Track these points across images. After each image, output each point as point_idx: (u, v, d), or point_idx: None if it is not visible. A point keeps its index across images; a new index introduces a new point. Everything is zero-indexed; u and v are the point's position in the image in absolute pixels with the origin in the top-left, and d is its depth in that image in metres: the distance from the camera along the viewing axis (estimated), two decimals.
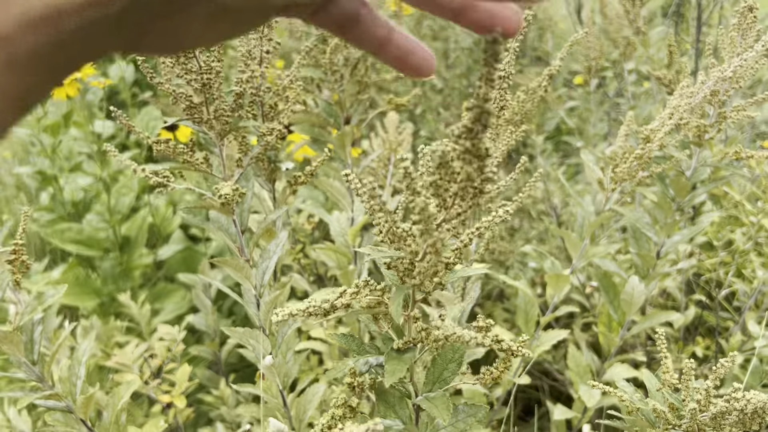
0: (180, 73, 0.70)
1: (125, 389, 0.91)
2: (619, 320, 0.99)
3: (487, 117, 0.34)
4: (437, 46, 2.20)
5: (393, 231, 0.45)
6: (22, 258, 0.79)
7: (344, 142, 1.01)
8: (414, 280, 0.48)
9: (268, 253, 0.87)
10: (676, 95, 0.79)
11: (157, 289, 2.01)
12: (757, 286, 1.57)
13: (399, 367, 0.50)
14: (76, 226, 1.91)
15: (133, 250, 1.96)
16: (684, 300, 1.64)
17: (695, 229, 0.96)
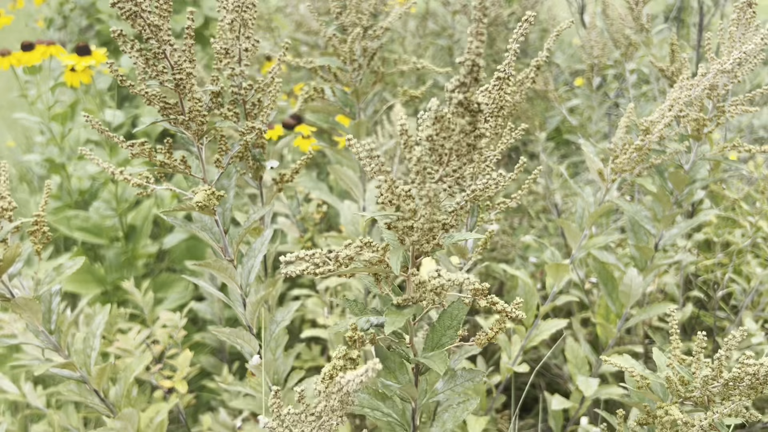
0: (151, 74, 0.69)
1: (137, 363, 0.93)
2: (617, 312, 1.01)
3: (478, 70, 0.37)
4: (441, 43, 2.23)
5: (392, 190, 0.47)
6: (43, 229, 0.81)
7: (359, 131, 1.03)
8: (412, 237, 0.50)
9: (253, 252, 0.87)
10: (676, 87, 0.82)
11: (160, 278, 2.03)
12: (755, 285, 1.59)
13: (398, 319, 0.52)
14: (83, 214, 1.93)
15: (138, 239, 1.99)
16: (682, 297, 1.66)
17: (693, 221, 0.98)
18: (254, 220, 0.82)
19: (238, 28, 0.73)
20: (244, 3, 0.71)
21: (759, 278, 1.55)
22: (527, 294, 0.96)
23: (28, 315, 0.79)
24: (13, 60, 1.67)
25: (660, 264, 1.00)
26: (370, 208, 1.10)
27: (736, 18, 0.87)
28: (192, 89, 0.70)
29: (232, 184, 0.81)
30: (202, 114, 0.73)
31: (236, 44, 0.74)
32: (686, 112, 0.83)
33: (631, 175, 0.85)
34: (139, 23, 0.64)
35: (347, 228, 1.10)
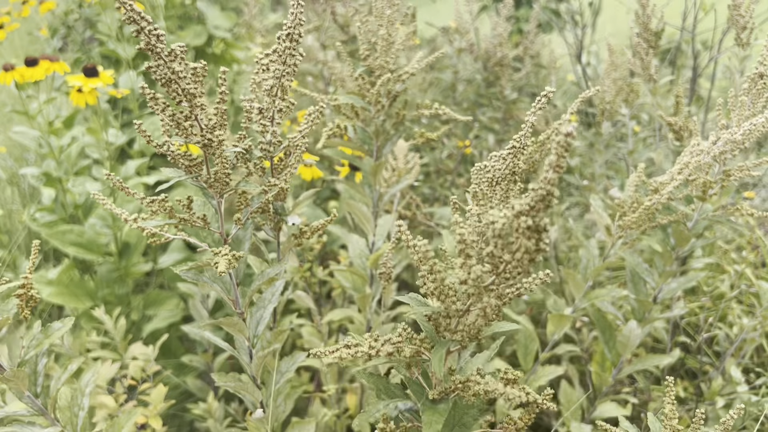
0: (180, 133, 0.70)
1: (125, 419, 0.90)
2: (612, 360, 1.03)
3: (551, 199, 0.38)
4: (446, 78, 2.26)
5: (440, 289, 0.48)
6: (30, 292, 0.80)
7: (377, 170, 1.05)
8: (455, 335, 0.51)
9: (263, 302, 0.86)
10: (686, 152, 0.85)
11: (151, 295, 2.02)
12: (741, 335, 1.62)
13: (436, 418, 0.52)
14: (78, 229, 1.93)
15: (131, 256, 1.98)
16: (670, 342, 1.68)
17: (692, 277, 1.01)
18: (268, 276, 0.82)
19: (275, 92, 0.73)
20: (284, 70, 0.72)
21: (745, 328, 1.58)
22: (527, 339, 0.98)
23: (15, 384, 0.77)
24: (16, 75, 1.67)
25: (658, 317, 1.02)
26: (378, 243, 1.11)
27: (747, 88, 0.90)
28: (221, 153, 0.71)
29: (248, 236, 0.81)
30: (227, 174, 0.73)
31: (272, 106, 0.74)
32: (695, 176, 0.86)
33: (636, 232, 0.88)
34: (174, 89, 0.65)
35: (355, 261, 1.11)
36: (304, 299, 1.35)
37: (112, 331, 1.59)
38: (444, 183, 2.22)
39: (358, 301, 1.08)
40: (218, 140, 0.70)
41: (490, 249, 0.43)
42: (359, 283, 1.10)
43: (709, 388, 1.62)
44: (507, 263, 0.44)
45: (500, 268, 0.45)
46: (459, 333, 0.51)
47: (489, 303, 0.45)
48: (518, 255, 0.42)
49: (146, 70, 0.64)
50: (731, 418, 0.62)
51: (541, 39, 2.58)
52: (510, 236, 0.42)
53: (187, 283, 1.78)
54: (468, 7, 2.27)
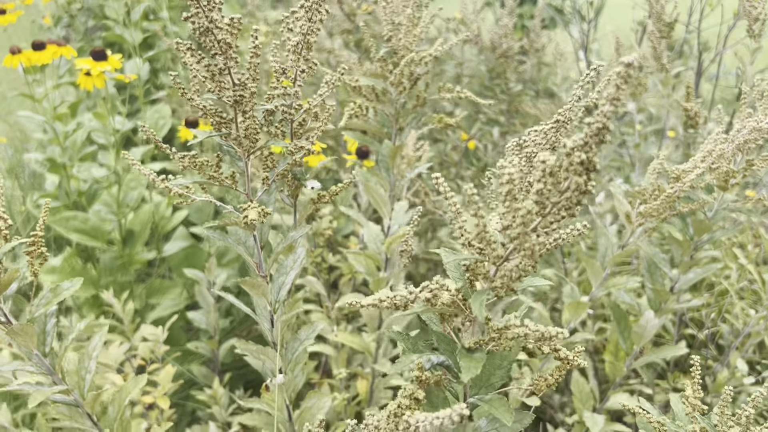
0: (213, 88, 0.69)
1: (133, 385, 0.90)
2: (627, 350, 1.03)
3: (605, 133, 0.38)
4: (450, 69, 2.26)
5: (482, 235, 0.48)
6: (40, 249, 0.79)
7: (396, 153, 1.04)
8: (494, 283, 0.51)
9: (284, 269, 0.87)
10: (710, 140, 0.85)
11: (155, 284, 2.02)
12: (747, 329, 1.63)
13: (474, 365, 0.52)
14: (82, 215, 1.91)
15: (135, 243, 1.97)
16: (677, 335, 1.69)
17: (709, 268, 1.01)
18: (292, 239, 0.82)
19: (300, 50, 0.73)
20: (311, 27, 0.72)
21: (751, 320, 1.59)
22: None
23: (24, 340, 0.76)
24: (23, 58, 1.66)
25: (674, 308, 1.03)
26: (394, 227, 1.11)
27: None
28: (252, 108, 0.71)
29: (272, 201, 0.81)
30: (257, 132, 0.73)
31: (295, 66, 0.74)
32: (718, 164, 0.86)
33: (656, 220, 0.88)
34: (210, 39, 0.65)
35: (370, 246, 1.11)
36: (315, 284, 1.35)
37: (120, 314, 1.58)
38: (448, 175, 2.22)
39: (372, 285, 1.08)
40: (250, 93, 0.70)
41: (540, 187, 0.43)
42: (373, 268, 1.10)
43: (714, 381, 1.63)
44: (555, 204, 0.44)
45: (547, 209, 0.44)
46: (498, 280, 0.51)
47: (535, 242, 0.45)
48: (568, 194, 0.42)
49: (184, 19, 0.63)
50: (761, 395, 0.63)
51: (545, 35, 2.59)
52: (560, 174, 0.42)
53: (194, 269, 1.78)
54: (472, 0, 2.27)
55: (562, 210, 0.45)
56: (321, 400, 0.97)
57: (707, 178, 0.91)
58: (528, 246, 0.44)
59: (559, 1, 3.01)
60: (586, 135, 0.39)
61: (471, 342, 0.55)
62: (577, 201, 0.42)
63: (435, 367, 0.59)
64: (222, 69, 0.67)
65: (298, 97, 0.77)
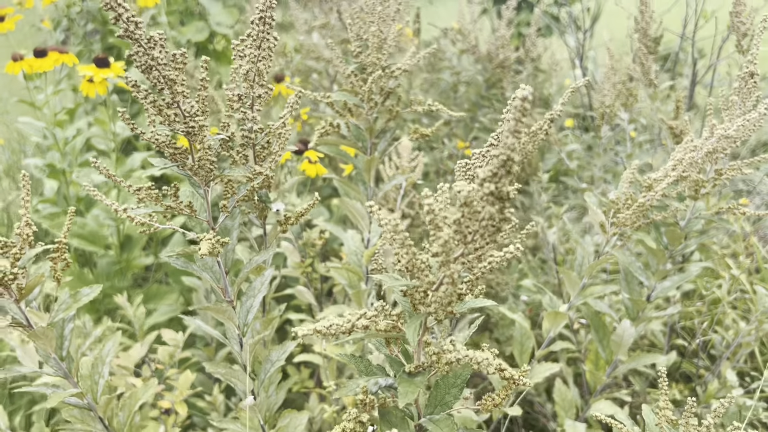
0: (163, 121, 0.70)
1: (143, 391, 0.92)
2: (607, 359, 1.05)
3: (512, 164, 0.40)
4: (446, 79, 2.28)
5: (413, 263, 0.50)
6: (64, 255, 0.82)
7: (371, 166, 1.06)
8: (429, 308, 0.52)
9: (252, 291, 0.87)
10: (680, 149, 0.86)
11: (152, 289, 2.04)
12: (737, 339, 1.64)
13: (411, 389, 0.54)
14: (80, 221, 1.94)
15: (133, 249, 1.99)
16: (667, 345, 1.70)
17: (684, 276, 1.02)
18: (256, 263, 0.83)
19: (252, 77, 0.75)
20: (260, 55, 0.73)
21: (741, 331, 1.60)
22: (523, 337, 0.99)
23: (43, 343, 0.78)
24: (25, 65, 1.69)
25: (652, 317, 1.04)
26: (374, 240, 1.12)
27: (738, 87, 0.93)
28: (203, 139, 0.72)
29: (236, 225, 0.82)
30: (211, 161, 0.74)
31: (250, 92, 0.76)
32: (688, 173, 0.87)
33: (630, 229, 0.89)
34: (154, 75, 0.66)
35: (350, 258, 1.13)
36: (305, 294, 1.36)
37: (131, 317, 1.60)
38: (445, 183, 2.23)
39: (353, 297, 1.10)
40: (199, 126, 0.71)
41: (457, 217, 0.44)
42: (355, 280, 1.12)
43: (705, 391, 1.64)
44: (474, 232, 0.45)
45: (468, 237, 0.46)
46: (432, 305, 0.52)
47: (455, 269, 0.46)
48: (483, 222, 0.44)
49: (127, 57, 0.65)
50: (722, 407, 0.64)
51: (542, 43, 2.60)
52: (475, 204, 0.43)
53: (191, 277, 1.80)
54: (469, 8, 2.29)
55: (482, 237, 0.47)
56: (297, 419, 0.97)
57: (680, 187, 0.92)
58: (449, 273, 0.46)
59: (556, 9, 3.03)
60: (494, 166, 0.40)
61: (412, 367, 0.57)
62: (496, 228, 0.44)
63: (385, 389, 0.60)
64: (169, 103, 0.68)
65: (256, 122, 0.78)
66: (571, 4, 3.32)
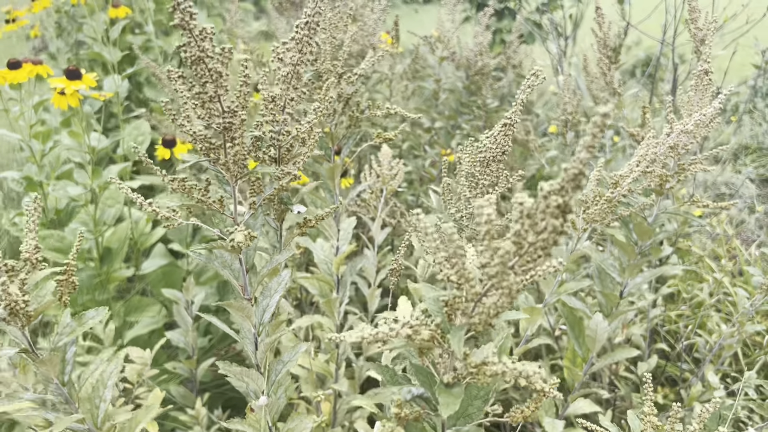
0: (203, 114, 0.71)
1: (144, 415, 0.90)
2: (583, 356, 1.04)
3: (581, 179, 0.40)
4: (427, 86, 2.29)
5: (461, 273, 0.49)
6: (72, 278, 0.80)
7: (334, 173, 1.05)
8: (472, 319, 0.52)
9: (269, 291, 0.87)
10: (643, 145, 0.87)
11: (133, 302, 2.02)
12: (719, 341, 1.64)
13: (452, 400, 0.53)
14: (58, 234, 1.92)
15: (113, 261, 1.98)
16: (648, 348, 1.70)
17: (656, 271, 1.03)
18: (278, 262, 0.83)
19: (290, 80, 0.75)
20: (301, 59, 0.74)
21: (723, 334, 1.60)
22: (501, 336, 0.99)
23: (47, 369, 0.77)
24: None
25: (625, 311, 1.04)
26: (342, 247, 1.12)
27: (694, 84, 0.94)
28: (242, 135, 0.73)
29: (258, 225, 0.82)
30: (245, 157, 0.75)
31: (285, 94, 0.76)
32: (652, 168, 0.88)
33: (601, 225, 0.89)
34: (202, 68, 0.67)
35: (321, 267, 1.12)
36: (283, 305, 1.35)
37: (101, 335, 1.58)
38: (427, 191, 2.23)
39: (324, 305, 1.09)
40: (240, 121, 0.72)
41: (517, 228, 0.44)
42: (326, 289, 1.11)
43: (689, 394, 1.63)
44: (531, 244, 0.45)
45: (524, 249, 0.46)
46: (476, 316, 0.52)
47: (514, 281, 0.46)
48: (544, 235, 0.44)
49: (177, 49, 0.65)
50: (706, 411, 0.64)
51: (524, 49, 2.62)
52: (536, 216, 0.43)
53: (172, 289, 1.78)
54: (451, 16, 2.30)
55: (538, 250, 0.46)
56: (303, 422, 0.97)
57: (646, 182, 0.93)
58: (506, 285, 0.46)
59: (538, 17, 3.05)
60: (563, 180, 0.40)
61: (449, 377, 0.56)
62: (554, 241, 0.44)
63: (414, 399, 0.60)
64: (212, 97, 0.69)
65: (286, 124, 0.78)
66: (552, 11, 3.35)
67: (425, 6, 7.60)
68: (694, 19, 1.21)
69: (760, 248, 2.19)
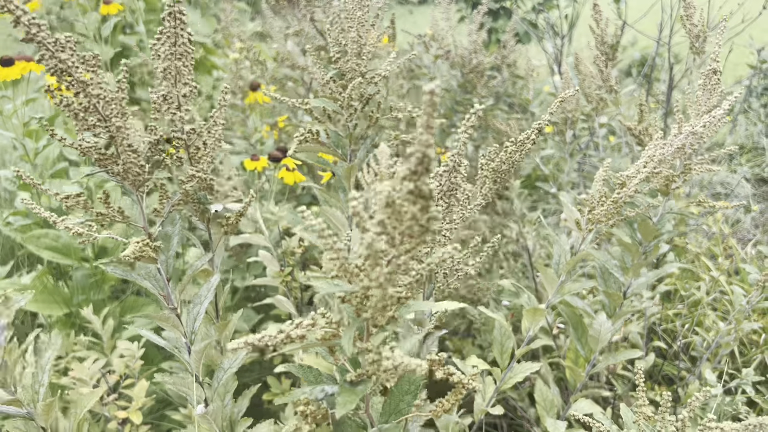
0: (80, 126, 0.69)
1: (88, 398, 0.89)
2: (586, 356, 1.04)
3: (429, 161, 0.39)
4: (423, 85, 2.28)
5: (344, 267, 0.48)
6: None
7: (350, 173, 1.04)
8: (366, 313, 0.51)
9: (198, 299, 0.85)
10: (651, 146, 0.87)
11: (128, 302, 2.00)
12: (716, 338, 1.64)
13: (351, 399, 0.52)
14: (53, 233, 1.90)
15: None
16: (645, 347, 1.70)
17: (659, 272, 1.03)
18: (197, 268, 0.82)
19: (173, 76, 0.73)
20: (177, 51, 0.72)
21: (720, 332, 1.61)
22: (503, 337, 0.98)
23: None
24: None
25: (628, 311, 1.04)
26: (354, 247, 1.11)
27: (702, 83, 0.94)
28: (124, 142, 0.70)
29: (176, 231, 0.80)
30: (138, 165, 0.72)
31: (173, 91, 0.74)
32: (659, 169, 0.88)
33: (605, 226, 0.89)
34: (66, 79, 0.64)
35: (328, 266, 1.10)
36: (284, 304, 1.34)
37: (99, 331, 1.57)
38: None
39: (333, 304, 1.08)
40: (116, 127, 0.69)
41: (381, 218, 0.43)
42: None
43: (686, 392, 1.64)
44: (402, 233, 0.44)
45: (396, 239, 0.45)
46: (369, 310, 0.50)
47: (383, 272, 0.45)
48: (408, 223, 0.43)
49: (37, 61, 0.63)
50: (697, 399, 0.64)
51: (519, 49, 2.62)
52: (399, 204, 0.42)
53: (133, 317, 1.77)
54: (446, 15, 2.30)
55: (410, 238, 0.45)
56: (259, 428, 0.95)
57: (652, 183, 0.93)
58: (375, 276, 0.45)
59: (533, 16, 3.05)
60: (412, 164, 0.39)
61: (354, 375, 0.55)
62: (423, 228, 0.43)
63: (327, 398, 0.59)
64: (86, 107, 0.67)
65: (185, 122, 0.77)
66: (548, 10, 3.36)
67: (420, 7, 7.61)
68: (689, 15, 1.21)
69: (756, 247, 2.21)
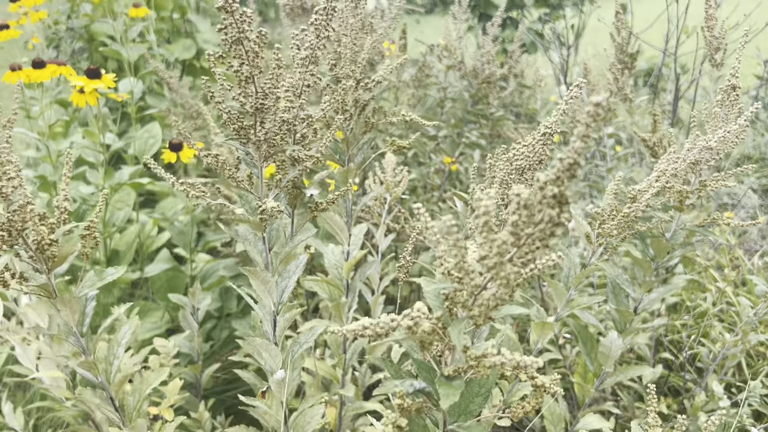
0: (237, 96, 0.75)
1: (155, 377, 0.94)
2: (595, 372, 1.05)
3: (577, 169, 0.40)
4: (433, 95, 2.30)
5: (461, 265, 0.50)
6: (95, 234, 0.84)
7: (347, 178, 1.06)
8: (471, 312, 0.52)
9: (288, 273, 0.93)
10: (663, 160, 0.87)
11: (136, 306, 2.02)
12: (722, 350, 1.65)
13: (452, 392, 0.54)
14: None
15: (120, 264, 1.98)
16: (652, 358, 1.70)
17: (671, 287, 1.03)
18: (299, 241, 0.87)
19: (307, 64, 0.78)
20: (319, 44, 0.77)
21: (727, 343, 1.61)
22: (511, 349, 0.99)
23: (67, 313, 0.81)
24: (23, 75, 1.69)
25: (639, 328, 1.04)
26: (353, 252, 1.12)
27: (720, 100, 0.94)
28: (276, 114, 0.76)
29: (282, 207, 0.84)
30: (276, 137, 0.78)
31: (301, 80, 0.78)
32: (672, 183, 0.89)
33: (616, 240, 0.90)
34: (239, 49, 0.70)
35: (331, 271, 1.12)
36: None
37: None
38: (431, 198, 2.24)
39: (333, 309, 1.10)
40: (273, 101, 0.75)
41: (515, 219, 0.45)
42: (336, 294, 1.12)
43: (692, 404, 1.64)
44: (529, 235, 0.46)
45: (522, 240, 0.46)
46: (476, 309, 0.52)
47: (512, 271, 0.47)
48: (541, 226, 0.44)
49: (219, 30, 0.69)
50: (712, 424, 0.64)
51: (526, 59, 2.64)
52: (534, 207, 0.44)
53: (178, 294, 1.78)
54: (455, 26, 2.32)
55: (536, 241, 0.47)
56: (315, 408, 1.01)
57: (665, 198, 0.93)
58: (503, 275, 0.46)
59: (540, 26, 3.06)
60: (558, 170, 0.41)
61: (450, 370, 0.56)
62: (551, 232, 0.44)
63: (416, 393, 0.60)
64: (248, 77, 0.72)
65: (303, 109, 0.80)
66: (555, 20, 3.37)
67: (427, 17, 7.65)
68: (711, 27, 1.22)
69: (763, 258, 2.21)
